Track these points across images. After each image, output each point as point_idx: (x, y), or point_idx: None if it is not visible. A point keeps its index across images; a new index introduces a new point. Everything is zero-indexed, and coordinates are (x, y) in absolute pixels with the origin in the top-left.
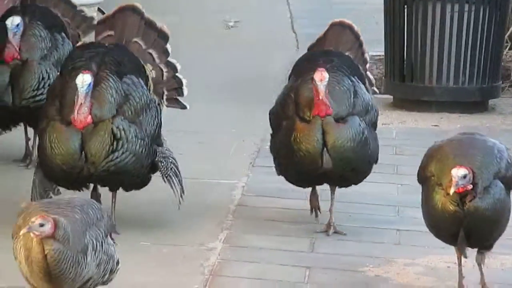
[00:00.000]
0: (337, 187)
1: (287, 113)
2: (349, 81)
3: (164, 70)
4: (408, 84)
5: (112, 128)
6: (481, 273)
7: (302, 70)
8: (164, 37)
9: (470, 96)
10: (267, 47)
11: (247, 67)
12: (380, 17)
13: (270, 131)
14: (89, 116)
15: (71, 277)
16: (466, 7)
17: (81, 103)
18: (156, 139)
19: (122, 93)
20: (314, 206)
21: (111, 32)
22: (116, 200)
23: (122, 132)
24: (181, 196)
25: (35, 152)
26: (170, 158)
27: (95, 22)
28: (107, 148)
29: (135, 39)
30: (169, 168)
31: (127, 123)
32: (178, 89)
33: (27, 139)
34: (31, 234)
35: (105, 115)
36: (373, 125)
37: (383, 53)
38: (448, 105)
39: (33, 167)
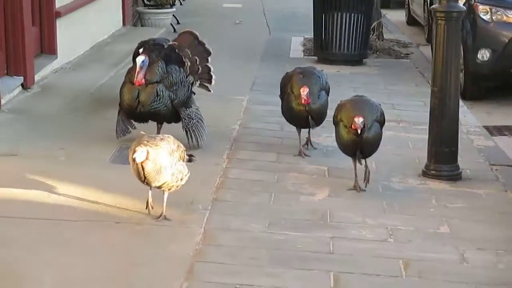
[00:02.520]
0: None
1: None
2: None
3: (201, 68)
4: (324, 51)
5: (156, 89)
6: (366, 166)
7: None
8: (208, 52)
9: (354, 57)
10: (254, 32)
11: (244, 42)
12: (311, 19)
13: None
14: (143, 80)
15: (156, 178)
16: (352, 15)
17: (137, 71)
18: (185, 103)
19: (165, 71)
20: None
21: (175, 42)
22: (160, 130)
23: (160, 92)
24: (197, 143)
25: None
26: (194, 119)
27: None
28: (151, 98)
29: (186, 48)
30: (190, 125)
31: (164, 88)
32: (209, 80)
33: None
34: (136, 157)
35: (153, 81)
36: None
37: (311, 36)
38: (343, 62)
39: None
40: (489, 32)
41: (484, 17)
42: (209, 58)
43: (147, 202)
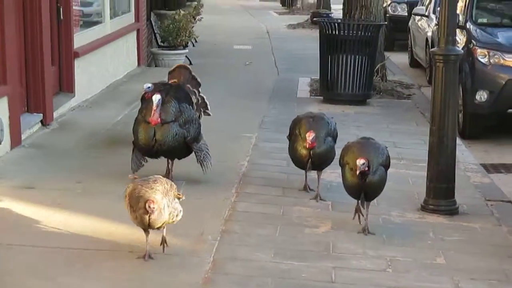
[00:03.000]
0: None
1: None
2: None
3: (199, 99)
4: (330, 91)
5: (171, 128)
6: (367, 214)
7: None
8: (199, 84)
9: (359, 97)
10: (263, 73)
11: (253, 83)
12: (317, 61)
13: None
14: (159, 119)
15: (158, 222)
16: (357, 57)
17: (154, 110)
18: (196, 138)
19: (178, 110)
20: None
21: (175, 80)
22: (173, 165)
23: (175, 131)
24: (208, 170)
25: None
26: (204, 150)
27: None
28: (168, 137)
29: (187, 84)
30: (201, 156)
31: (178, 127)
32: (206, 107)
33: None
34: (148, 210)
35: (168, 120)
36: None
37: (318, 77)
38: (348, 102)
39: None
40: (487, 74)
41: (482, 60)
42: (200, 89)
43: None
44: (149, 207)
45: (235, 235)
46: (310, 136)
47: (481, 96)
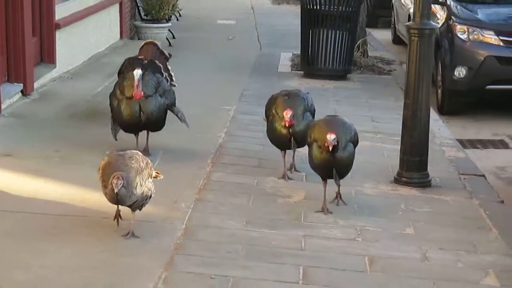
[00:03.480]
0: None
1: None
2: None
3: (165, 73)
4: (310, 66)
5: (154, 99)
6: (338, 188)
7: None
8: (167, 58)
9: (339, 72)
10: (246, 48)
11: (236, 57)
12: (298, 35)
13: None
14: (142, 93)
15: (128, 200)
16: (337, 32)
17: (136, 85)
18: (173, 103)
19: (156, 82)
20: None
21: (143, 56)
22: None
23: (158, 101)
24: (188, 125)
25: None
26: (181, 111)
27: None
28: (154, 109)
29: (155, 59)
30: (182, 116)
31: (159, 97)
32: (171, 79)
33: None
34: (114, 188)
35: (150, 93)
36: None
37: (299, 52)
38: (328, 76)
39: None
40: (466, 50)
41: (461, 36)
42: (168, 64)
43: (116, 214)
44: (114, 183)
45: (208, 203)
46: (287, 114)
47: (460, 72)
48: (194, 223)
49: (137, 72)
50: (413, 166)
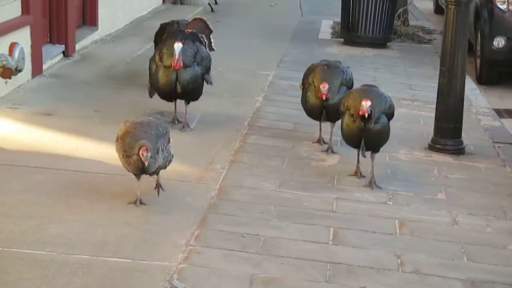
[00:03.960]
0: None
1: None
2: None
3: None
4: (351, 33)
5: (192, 70)
6: (372, 170)
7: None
8: (211, 31)
9: (378, 40)
10: (287, 14)
11: (277, 23)
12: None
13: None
14: (182, 63)
15: (152, 168)
16: (378, 0)
17: (177, 58)
18: (208, 70)
19: (195, 51)
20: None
21: (188, 29)
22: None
23: (196, 71)
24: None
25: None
26: (211, 80)
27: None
28: (191, 79)
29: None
30: (210, 83)
31: (197, 67)
32: (210, 45)
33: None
34: (142, 158)
35: (189, 63)
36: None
37: (339, 19)
38: (368, 44)
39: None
40: (505, 20)
41: (501, 7)
42: (212, 37)
43: (136, 199)
44: (143, 155)
45: (243, 165)
46: (324, 87)
47: (499, 42)
48: (228, 184)
49: (178, 46)
50: (447, 132)
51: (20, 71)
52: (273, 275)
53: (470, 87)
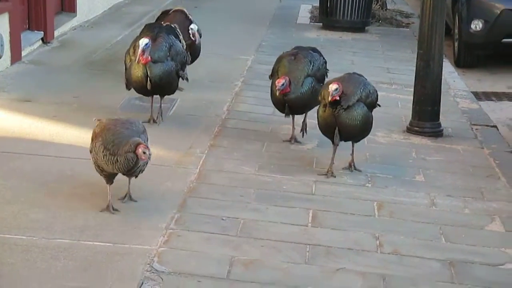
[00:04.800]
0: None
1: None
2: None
3: (185, 36)
4: (329, 18)
5: (164, 64)
6: (352, 153)
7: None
8: (191, 22)
9: (357, 24)
10: (266, 0)
11: (255, 9)
12: None
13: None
14: (149, 57)
15: (142, 165)
16: None
17: (140, 53)
18: (183, 66)
19: (170, 44)
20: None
21: (168, 22)
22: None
23: (169, 67)
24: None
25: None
26: (185, 76)
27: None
28: (159, 73)
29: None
30: (185, 76)
31: (171, 61)
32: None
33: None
34: (142, 156)
35: (162, 58)
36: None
37: (318, 4)
38: (346, 28)
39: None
40: (483, 3)
41: None
42: (191, 26)
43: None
44: (144, 153)
45: (222, 149)
46: (279, 82)
47: (476, 25)
48: (207, 168)
49: (143, 41)
50: (425, 115)
51: None
52: (253, 257)
53: (449, 70)
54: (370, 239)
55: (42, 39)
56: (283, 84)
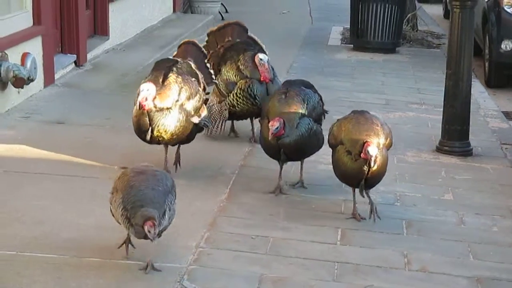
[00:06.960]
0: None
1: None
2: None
3: (204, 74)
4: (360, 39)
5: (172, 112)
6: (368, 198)
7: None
8: (206, 56)
9: (388, 45)
10: (298, 22)
11: (287, 31)
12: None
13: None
14: (151, 105)
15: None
16: (386, 6)
17: (140, 102)
18: (197, 110)
19: (180, 87)
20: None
21: (181, 57)
22: (179, 150)
23: (177, 116)
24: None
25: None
26: (204, 120)
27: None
28: (169, 124)
29: (189, 57)
30: (203, 124)
31: (178, 110)
32: (211, 77)
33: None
34: (148, 235)
35: (169, 105)
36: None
37: (349, 26)
38: (377, 49)
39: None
40: None
41: (508, 10)
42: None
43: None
44: (149, 232)
45: (252, 169)
46: (273, 125)
47: (507, 45)
48: (238, 188)
49: (142, 87)
50: (455, 135)
51: (32, 80)
52: (281, 274)
53: (479, 90)
54: (398, 257)
55: (75, 62)
56: (277, 128)
